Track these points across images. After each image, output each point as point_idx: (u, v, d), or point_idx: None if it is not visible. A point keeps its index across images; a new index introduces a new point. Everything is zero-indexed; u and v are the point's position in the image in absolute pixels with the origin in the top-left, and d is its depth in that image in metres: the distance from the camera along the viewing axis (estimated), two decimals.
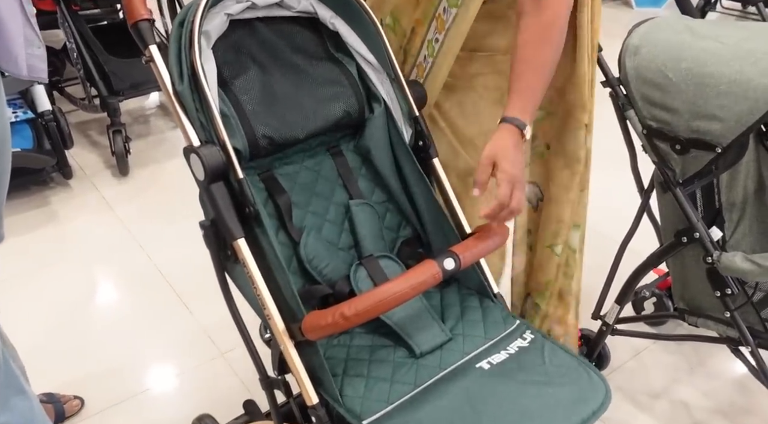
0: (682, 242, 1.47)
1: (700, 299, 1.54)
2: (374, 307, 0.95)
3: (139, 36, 1.10)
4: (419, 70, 1.35)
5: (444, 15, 1.26)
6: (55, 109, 2.55)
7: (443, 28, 1.27)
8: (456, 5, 1.24)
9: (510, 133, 1.17)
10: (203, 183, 1.06)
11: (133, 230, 2.44)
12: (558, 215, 1.48)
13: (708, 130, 1.32)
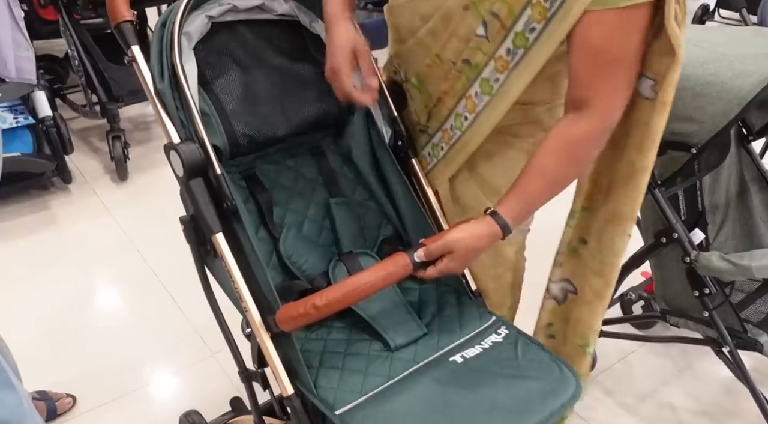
0: (662, 242, 1.47)
1: (681, 299, 1.55)
2: (345, 297, 0.96)
3: (121, 37, 1.12)
4: (445, 135, 1.26)
5: (475, 99, 1.16)
6: (56, 115, 2.58)
7: (474, 109, 1.18)
8: (489, 93, 1.14)
9: (490, 232, 1.07)
10: (182, 179, 1.07)
11: (130, 233, 2.46)
12: (589, 321, 1.30)
13: (684, 131, 1.33)
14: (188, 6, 1.12)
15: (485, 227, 1.08)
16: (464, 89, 1.17)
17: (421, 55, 1.21)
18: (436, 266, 1.07)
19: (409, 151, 1.30)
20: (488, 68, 1.12)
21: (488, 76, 1.13)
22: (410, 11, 1.19)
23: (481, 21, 1.08)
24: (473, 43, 1.11)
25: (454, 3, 1.10)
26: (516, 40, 1.07)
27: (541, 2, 1.01)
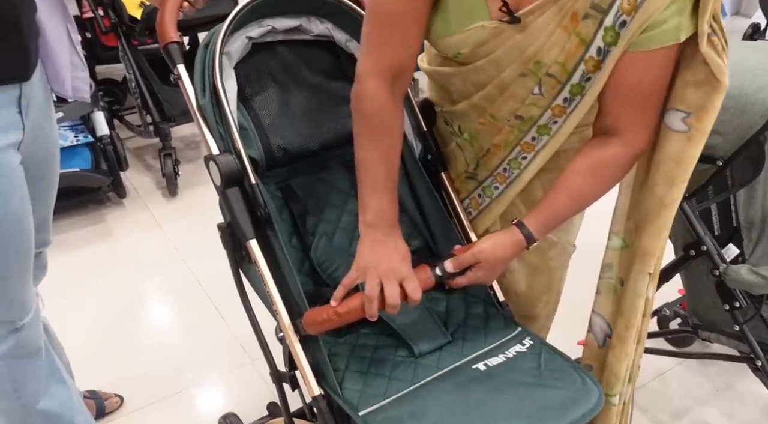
0: (691, 255, 1.47)
1: (712, 313, 1.53)
2: (363, 306, 1.00)
3: (168, 56, 1.20)
4: (498, 177, 1.26)
5: (533, 142, 1.17)
6: (113, 134, 2.71)
7: (532, 150, 1.18)
8: (548, 134, 1.15)
9: (516, 243, 1.11)
10: (220, 188, 1.13)
11: (178, 246, 2.56)
12: (613, 366, 1.26)
13: (710, 143, 1.33)
14: (229, 28, 1.19)
15: (510, 237, 1.12)
16: (517, 140, 1.18)
17: (474, 116, 1.21)
18: (466, 275, 1.11)
19: (439, 165, 1.33)
20: (544, 117, 1.13)
21: (546, 122, 1.14)
22: (462, 80, 1.19)
23: (537, 82, 1.09)
24: (529, 101, 1.12)
25: (510, 72, 1.10)
26: (572, 90, 1.08)
27: (594, 57, 1.02)
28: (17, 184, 1.18)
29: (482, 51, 1.10)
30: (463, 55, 1.13)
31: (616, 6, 0.97)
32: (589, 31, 1.01)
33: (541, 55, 1.06)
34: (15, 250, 1.22)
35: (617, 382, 1.25)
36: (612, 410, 1.28)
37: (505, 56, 1.09)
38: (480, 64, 1.12)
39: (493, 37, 1.07)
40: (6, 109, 1.13)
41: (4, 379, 1.31)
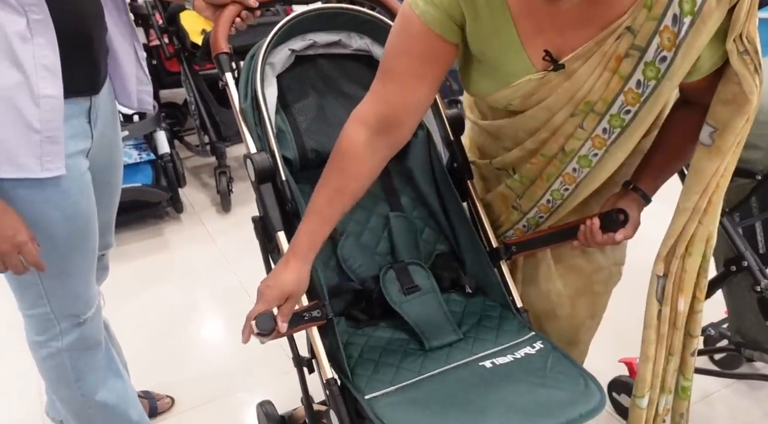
0: (731, 270, 1.45)
1: (755, 330, 1.50)
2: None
3: (218, 65, 1.31)
4: (542, 208, 1.28)
5: (573, 173, 1.20)
6: (173, 153, 2.89)
7: (573, 181, 1.21)
8: (588, 166, 1.18)
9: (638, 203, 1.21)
10: (254, 183, 1.21)
11: (229, 258, 2.67)
12: (640, 370, 1.26)
13: (748, 158, 1.33)
14: (272, 41, 1.28)
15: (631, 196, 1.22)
16: (558, 171, 1.21)
17: (526, 158, 1.24)
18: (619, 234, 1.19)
19: (465, 173, 1.38)
20: (585, 147, 1.15)
21: (586, 153, 1.16)
22: (515, 129, 1.23)
23: (582, 118, 1.12)
24: (573, 136, 1.15)
25: (561, 115, 1.13)
26: (611, 120, 1.10)
27: (633, 89, 1.05)
28: (85, 188, 1.29)
29: (533, 100, 1.14)
30: (514, 105, 1.17)
31: (654, 43, 1.00)
32: (629, 68, 1.04)
33: (590, 96, 1.10)
34: (81, 248, 1.31)
35: (641, 384, 1.25)
36: (637, 412, 1.28)
37: (556, 102, 1.12)
38: (532, 113, 1.16)
39: (542, 85, 1.11)
40: (77, 119, 1.24)
41: (68, 369, 1.40)
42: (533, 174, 1.25)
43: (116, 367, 1.52)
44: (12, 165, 1.13)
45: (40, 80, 1.12)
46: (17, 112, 1.11)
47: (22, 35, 1.09)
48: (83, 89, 1.24)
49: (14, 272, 1.19)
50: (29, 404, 1.95)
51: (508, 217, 1.36)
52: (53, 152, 1.15)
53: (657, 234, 1.22)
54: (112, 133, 1.43)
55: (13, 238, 1.15)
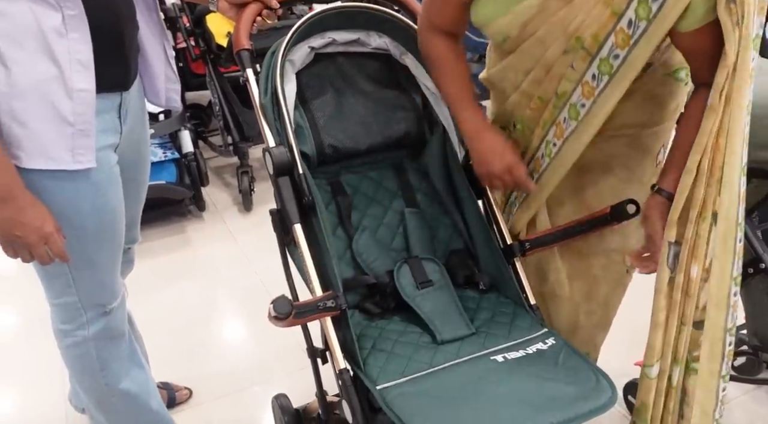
0: (749, 273, 1.44)
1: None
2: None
3: (240, 61, 1.34)
4: (536, 164, 1.33)
5: (563, 124, 1.24)
6: (197, 152, 2.93)
7: (561, 135, 1.25)
8: (576, 119, 1.21)
9: (662, 206, 1.20)
10: (272, 176, 1.23)
11: (250, 256, 2.70)
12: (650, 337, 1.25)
13: (765, 158, 1.31)
14: (292, 38, 1.31)
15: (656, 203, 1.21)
16: (553, 117, 1.25)
17: (524, 103, 1.29)
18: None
19: None
20: (576, 94, 1.19)
21: (575, 102, 1.20)
22: (513, 71, 1.28)
23: (573, 56, 1.16)
24: (565, 76, 1.19)
25: (553, 51, 1.18)
26: (601, 66, 1.14)
27: (624, 29, 1.08)
28: (114, 182, 1.31)
29: (528, 30, 1.18)
30: (511, 38, 1.21)
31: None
32: (622, 4, 1.07)
33: (582, 30, 1.13)
34: (109, 240, 1.34)
35: (650, 352, 1.23)
36: (646, 382, 1.26)
37: (549, 34, 1.16)
38: (527, 46, 1.20)
39: (539, 13, 1.15)
40: (108, 114, 1.27)
41: (93, 358, 1.43)
42: (532, 123, 1.30)
43: (138, 358, 1.55)
44: (44, 157, 1.15)
45: (74, 74, 1.14)
46: (51, 105, 1.13)
47: (58, 30, 1.11)
48: (114, 85, 1.27)
49: (40, 262, 1.22)
50: (53, 394, 1.98)
51: None
52: (85, 145, 1.18)
53: None
54: (141, 130, 1.46)
55: (41, 229, 1.17)
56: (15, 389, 2.08)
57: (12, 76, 1.10)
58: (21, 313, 2.43)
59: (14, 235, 1.16)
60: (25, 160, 1.15)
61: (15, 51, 1.10)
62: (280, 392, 1.71)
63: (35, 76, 1.12)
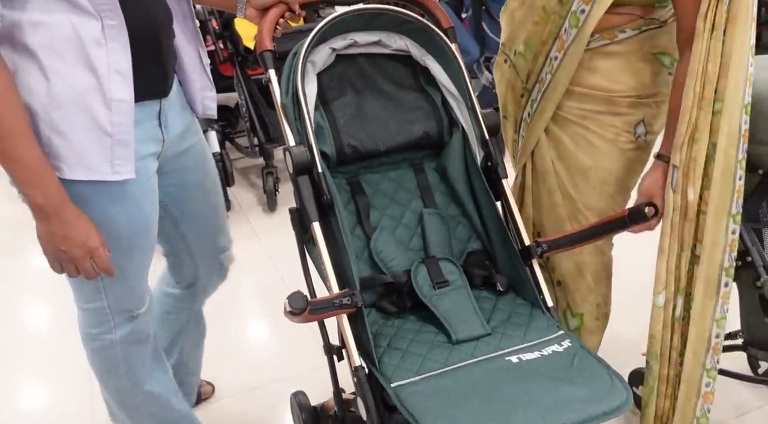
0: (738, 265, 1.42)
1: (761, 329, 1.46)
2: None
3: (263, 62, 1.35)
4: (540, 85, 1.46)
5: (564, 35, 1.37)
6: (223, 153, 2.97)
7: (563, 47, 1.38)
8: (576, 26, 1.35)
9: (663, 171, 1.34)
10: (292, 175, 1.25)
11: (273, 255, 2.74)
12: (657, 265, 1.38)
13: (755, 152, 1.33)
14: (313, 40, 1.32)
15: (659, 170, 1.36)
16: (557, 29, 1.38)
17: (529, 17, 1.43)
18: None
19: (499, 171, 1.38)
20: (576, 1, 1.32)
21: (576, 9, 1.33)
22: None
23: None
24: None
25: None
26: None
27: None
28: (151, 191, 1.32)
29: None
30: None
31: None
32: None
33: None
34: (140, 248, 1.34)
35: (657, 280, 1.37)
36: (655, 311, 1.39)
37: None
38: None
39: None
40: (148, 123, 1.27)
41: (119, 361, 1.45)
42: (535, 39, 1.43)
43: (161, 358, 1.57)
44: (85, 168, 1.16)
45: (112, 84, 1.14)
46: (90, 115, 1.13)
47: (97, 40, 1.12)
48: (153, 93, 1.27)
49: (86, 277, 1.22)
50: (80, 392, 2.02)
51: (516, 107, 1.54)
52: (123, 155, 1.18)
53: None
54: (190, 136, 1.44)
55: (86, 243, 1.17)
56: (44, 386, 2.13)
57: (52, 87, 1.11)
58: (56, 312, 2.48)
59: (60, 250, 1.16)
60: (66, 171, 1.15)
61: (55, 62, 1.10)
62: (298, 390, 1.73)
63: (74, 87, 1.12)
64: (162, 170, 1.37)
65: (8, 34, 1.10)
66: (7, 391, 2.10)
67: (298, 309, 1.02)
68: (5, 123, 1.07)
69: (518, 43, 1.49)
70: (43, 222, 1.15)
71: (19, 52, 1.11)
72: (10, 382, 2.13)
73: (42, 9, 1.09)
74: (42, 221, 1.15)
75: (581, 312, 1.61)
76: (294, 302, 1.02)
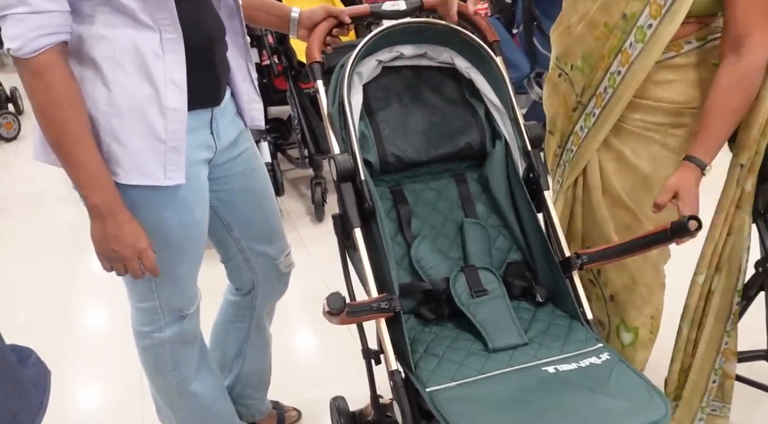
0: (759, 271, 1.43)
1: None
2: None
3: (311, 73, 1.39)
4: (598, 100, 1.42)
5: (629, 49, 1.33)
6: (274, 163, 3.04)
7: (627, 61, 1.34)
8: (642, 41, 1.31)
9: (693, 173, 1.33)
10: (336, 182, 1.27)
11: (318, 264, 2.77)
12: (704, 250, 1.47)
13: None
14: (360, 52, 1.35)
15: (687, 170, 1.33)
16: (621, 43, 1.34)
17: (589, 33, 1.39)
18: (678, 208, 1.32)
19: (541, 182, 1.38)
20: (643, 15, 1.28)
21: (642, 24, 1.29)
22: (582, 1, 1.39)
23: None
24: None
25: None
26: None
27: None
28: (202, 196, 1.36)
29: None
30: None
31: None
32: None
33: None
34: (191, 251, 1.39)
35: (703, 262, 1.46)
36: (695, 287, 1.49)
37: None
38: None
39: None
40: (201, 131, 1.32)
41: (167, 360, 1.49)
42: (595, 54, 1.39)
43: (208, 361, 1.60)
44: (140, 173, 1.21)
45: (168, 94, 1.19)
46: (146, 123, 1.19)
47: (156, 52, 1.17)
48: (205, 101, 1.31)
49: (132, 276, 1.27)
50: (130, 390, 2.09)
51: (568, 124, 1.51)
52: (176, 162, 1.22)
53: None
54: (242, 143, 1.48)
55: (135, 244, 1.22)
56: (98, 381, 2.20)
57: (113, 97, 1.17)
58: (110, 311, 2.57)
59: (111, 249, 1.22)
60: (122, 176, 1.20)
61: (117, 73, 1.16)
62: (338, 395, 1.74)
63: (134, 97, 1.17)
64: (213, 176, 1.41)
65: (75, 47, 1.16)
66: (63, 383, 2.17)
67: (335, 309, 1.04)
68: (74, 130, 1.14)
69: (575, 57, 1.46)
70: (98, 222, 1.20)
71: (84, 64, 1.17)
72: (68, 375, 2.20)
73: (106, 24, 1.15)
74: (97, 222, 1.20)
75: (636, 326, 1.58)
76: (332, 302, 1.04)
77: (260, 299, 1.67)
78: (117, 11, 1.14)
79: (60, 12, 1.10)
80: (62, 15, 1.10)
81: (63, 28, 1.11)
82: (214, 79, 1.33)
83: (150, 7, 1.15)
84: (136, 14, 1.15)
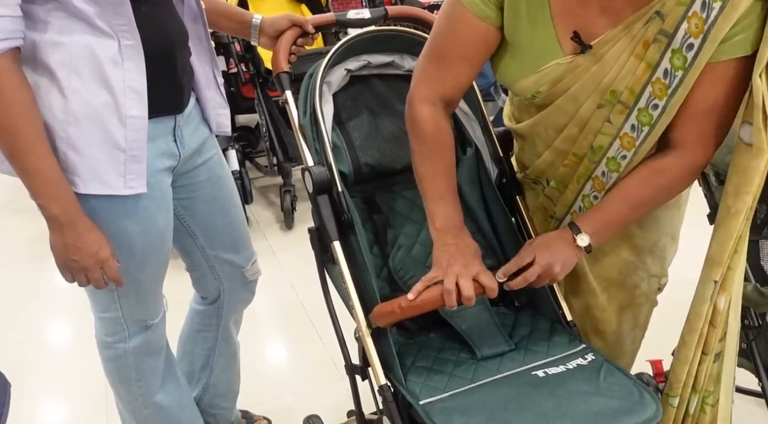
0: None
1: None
2: (425, 303, 1.06)
3: (279, 83, 1.33)
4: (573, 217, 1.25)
5: (603, 178, 1.17)
6: (242, 171, 2.96)
7: (602, 189, 1.18)
8: (617, 171, 1.14)
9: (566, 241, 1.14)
10: (311, 195, 1.22)
11: (289, 273, 2.70)
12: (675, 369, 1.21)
13: None
14: (329, 61, 1.30)
15: (561, 234, 1.15)
16: (589, 171, 1.17)
17: (559, 161, 1.22)
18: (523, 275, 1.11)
19: (514, 189, 1.35)
20: (613, 147, 1.12)
21: (614, 155, 1.12)
22: (544, 127, 1.21)
23: (609, 110, 1.09)
24: (601, 131, 1.12)
25: (588, 106, 1.10)
26: (640, 116, 1.06)
27: (661, 79, 1.02)
28: (165, 205, 1.30)
29: (560, 88, 1.11)
30: (541, 94, 1.14)
31: (682, 29, 0.97)
32: (656, 55, 1.01)
33: (616, 84, 1.06)
34: (155, 260, 1.33)
35: (676, 383, 1.20)
36: (669, 410, 1.23)
37: (582, 90, 1.10)
38: (559, 103, 1.13)
39: (569, 71, 1.09)
40: (162, 139, 1.26)
41: (131, 371, 1.42)
42: (567, 178, 1.22)
43: (174, 371, 1.53)
44: (98, 182, 1.15)
45: (127, 101, 1.13)
46: (105, 131, 1.13)
47: (114, 59, 1.11)
48: (168, 109, 1.26)
49: (95, 286, 1.21)
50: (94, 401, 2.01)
51: (546, 229, 1.33)
52: (136, 171, 1.17)
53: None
54: (207, 150, 1.42)
55: (97, 253, 1.16)
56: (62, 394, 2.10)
57: (69, 105, 1.11)
58: (75, 323, 2.46)
59: (72, 259, 1.16)
60: (81, 185, 1.14)
61: (73, 80, 1.10)
62: (312, 414, 1.67)
63: (91, 104, 1.12)
64: (177, 184, 1.35)
65: (29, 53, 1.09)
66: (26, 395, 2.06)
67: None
68: (27, 138, 1.07)
69: (548, 177, 1.28)
70: (57, 233, 1.15)
71: (38, 71, 1.11)
72: (30, 386, 2.10)
73: (61, 30, 1.09)
74: (56, 232, 1.15)
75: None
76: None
77: (226, 308, 1.62)
78: (73, 17, 1.08)
79: (11, 17, 1.03)
80: (14, 20, 1.04)
81: (15, 34, 1.04)
82: (176, 86, 1.27)
83: (106, 12, 1.09)
84: (93, 20, 1.08)
